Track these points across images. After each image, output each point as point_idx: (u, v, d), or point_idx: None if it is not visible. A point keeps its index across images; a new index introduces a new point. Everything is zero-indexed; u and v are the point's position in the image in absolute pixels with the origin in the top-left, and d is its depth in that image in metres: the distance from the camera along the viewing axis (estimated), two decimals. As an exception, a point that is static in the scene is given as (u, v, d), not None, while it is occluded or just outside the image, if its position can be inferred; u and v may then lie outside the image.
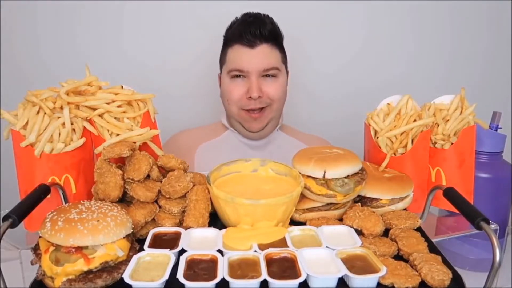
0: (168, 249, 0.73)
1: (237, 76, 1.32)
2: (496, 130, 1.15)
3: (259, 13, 1.34)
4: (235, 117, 1.37)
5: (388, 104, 1.10)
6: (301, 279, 0.65)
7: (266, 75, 1.31)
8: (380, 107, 1.10)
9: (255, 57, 1.30)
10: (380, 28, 1.76)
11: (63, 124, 0.89)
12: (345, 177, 0.88)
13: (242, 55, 1.30)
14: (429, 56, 1.80)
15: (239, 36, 1.30)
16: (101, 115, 0.92)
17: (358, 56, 1.78)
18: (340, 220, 0.89)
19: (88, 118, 0.92)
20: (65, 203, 0.88)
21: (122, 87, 0.95)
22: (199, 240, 0.78)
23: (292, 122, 1.56)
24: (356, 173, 0.90)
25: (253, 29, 1.28)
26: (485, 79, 1.79)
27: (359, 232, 0.82)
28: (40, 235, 0.70)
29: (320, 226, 0.83)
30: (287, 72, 1.42)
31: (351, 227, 0.84)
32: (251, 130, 1.37)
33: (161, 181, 0.89)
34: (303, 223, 0.89)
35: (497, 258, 0.68)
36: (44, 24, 1.65)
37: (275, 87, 1.33)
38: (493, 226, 0.87)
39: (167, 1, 1.66)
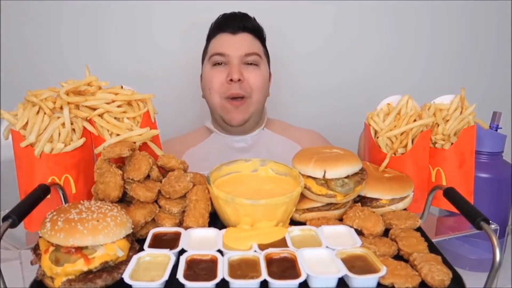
0: (168, 249, 0.73)
1: (219, 63, 1.32)
2: (496, 130, 1.15)
3: (241, 12, 1.37)
4: (216, 109, 1.35)
5: (388, 104, 1.10)
6: (301, 279, 0.65)
7: (248, 64, 1.32)
8: (380, 107, 1.10)
9: (237, 42, 1.31)
10: (375, 24, 1.76)
11: (63, 124, 0.89)
12: (345, 177, 0.88)
13: (224, 41, 1.33)
14: (426, 54, 1.80)
15: (222, 26, 1.33)
16: (101, 115, 0.92)
17: (348, 52, 1.79)
18: (340, 220, 0.89)
19: (88, 118, 0.92)
20: (65, 203, 0.88)
21: (122, 87, 0.95)
22: (199, 240, 0.78)
23: (283, 116, 1.56)
24: (356, 173, 0.90)
25: (236, 20, 1.32)
26: (485, 79, 1.79)
27: (359, 232, 0.82)
28: (40, 235, 0.70)
29: (320, 226, 0.83)
30: (270, 73, 1.42)
31: (351, 227, 0.84)
32: (231, 124, 1.35)
33: (161, 181, 0.89)
34: (303, 223, 0.89)
35: (497, 258, 0.67)
36: (44, 24, 1.66)
37: (256, 74, 1.32)
38: (493, 226, 0.87)
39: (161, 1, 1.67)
